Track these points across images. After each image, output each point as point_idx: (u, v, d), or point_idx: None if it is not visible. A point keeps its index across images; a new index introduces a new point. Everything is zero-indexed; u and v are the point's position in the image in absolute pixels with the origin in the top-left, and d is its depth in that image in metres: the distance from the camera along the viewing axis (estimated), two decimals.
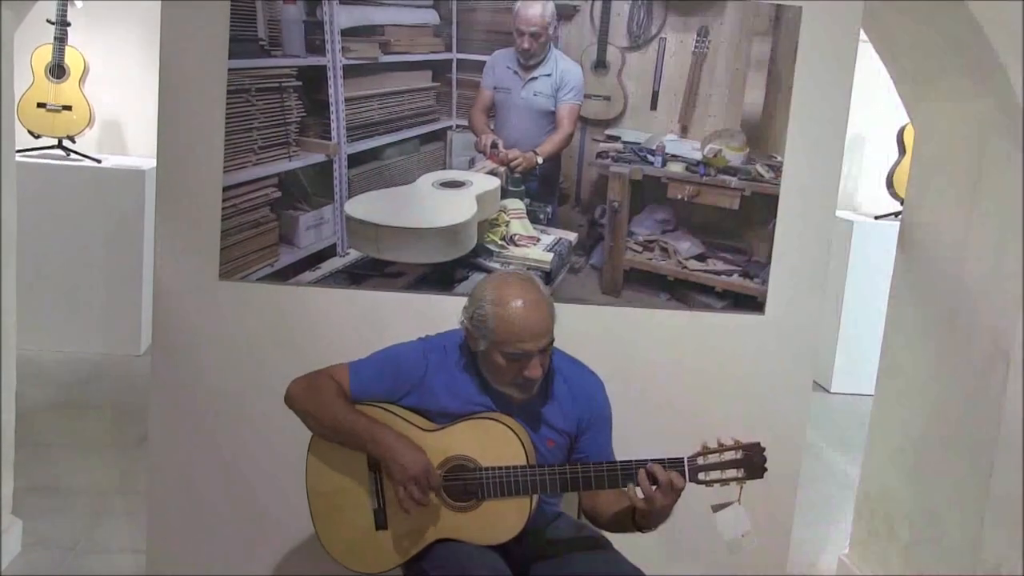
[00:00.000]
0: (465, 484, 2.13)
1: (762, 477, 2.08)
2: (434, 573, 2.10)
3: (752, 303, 2.91)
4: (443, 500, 2.15)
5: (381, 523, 2.18)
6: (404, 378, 2.22)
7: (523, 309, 2.09)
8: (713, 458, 2.07)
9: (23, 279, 3.12)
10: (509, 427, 2.14)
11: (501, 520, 2.13)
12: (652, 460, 2.06)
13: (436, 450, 2.15)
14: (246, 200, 2.72)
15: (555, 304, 2.17)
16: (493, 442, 2.14)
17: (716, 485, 2.08)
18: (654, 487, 2.04)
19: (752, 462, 2.07)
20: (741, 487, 2.08)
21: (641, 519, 2.12)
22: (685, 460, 2.07)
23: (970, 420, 2.76)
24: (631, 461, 2.09)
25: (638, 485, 2.06)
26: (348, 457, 2.18)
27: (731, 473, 2.06)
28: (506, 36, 2.73)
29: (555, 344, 2.21)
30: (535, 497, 2.14)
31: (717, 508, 2.12)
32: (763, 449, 2.08)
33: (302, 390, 2.21)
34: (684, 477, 2.05)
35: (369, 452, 2.15)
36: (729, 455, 2.07)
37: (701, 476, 2.07)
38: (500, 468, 2.11)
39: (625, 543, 2.28)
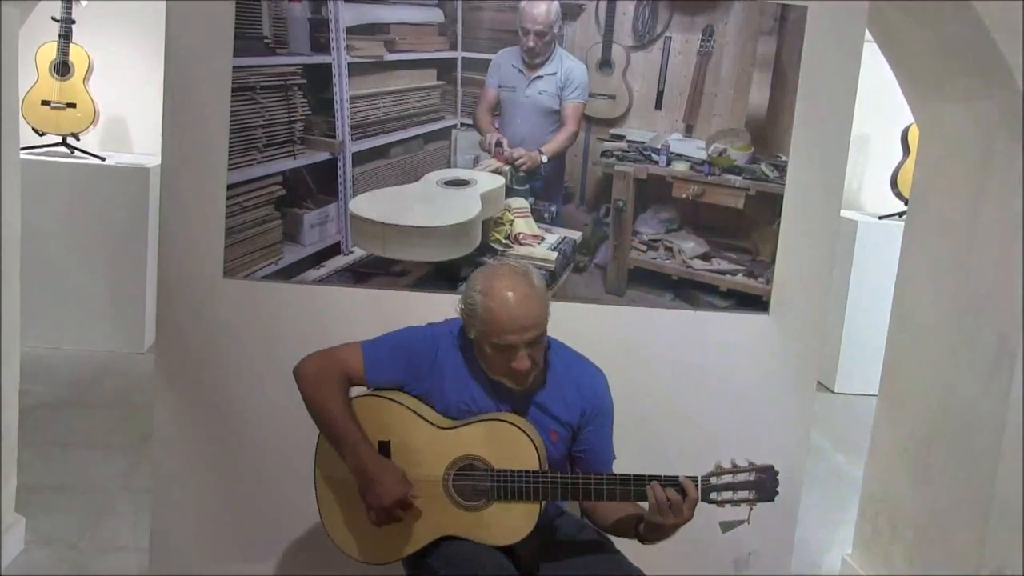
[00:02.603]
0: (475, 484, 2.13)
1: (773, 500, 2.08)
2: (441, 571, 2.10)
3: (756, 303, 2.90)
4: (452, 499, 2.15)
5: None
6: (417, 362, 2.22)
7: (510, 301, 2.07)
8: (726, 478, 2.08)
9: (27, 276, 3.12)
10: (524, 431, 2.14)
11: (509, 522, 2.13)
12: (666, 477, 2.07)
13: (449, 448, 2.15)
14: (250, 198, 2.72)
15: (559, 303, 2.17)
16: (507, 445, 2.13)
17: (727, 505, 2.08)
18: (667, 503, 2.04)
19: (764, 485, 2.07)
20: (751, 508, 2.09)
21: (647, 532, 2.13)
22: (699, 480, 2.07)
23: (974, 421, 2.76)
24: (644, 476, 2.09)
25: (655, 498, 2.05)
26: None
27: (743, 495, 2.07)
28: (511, 35, 2.73)
29: (560, 340, 2.20)
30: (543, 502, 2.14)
31: (726, 528, 2.12)
32: (776, 472, 2.08)
33: (312, 372, 2.20)
34: (696, 496, 2.06)
35: (347, 465, 2.12)
36: (742, 476, 2.07)
37: (713, 496, 2.08)
38: (512, 472, 2.11)
39: (628, 545, 2.27)
